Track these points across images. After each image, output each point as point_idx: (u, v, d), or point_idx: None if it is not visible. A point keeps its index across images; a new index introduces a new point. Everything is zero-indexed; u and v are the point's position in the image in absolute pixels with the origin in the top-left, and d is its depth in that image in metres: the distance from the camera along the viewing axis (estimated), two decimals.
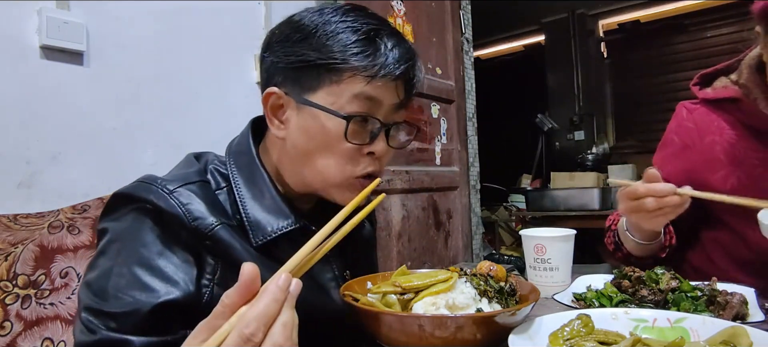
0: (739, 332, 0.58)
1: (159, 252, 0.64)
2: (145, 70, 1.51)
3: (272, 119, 0.73)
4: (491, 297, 0.67)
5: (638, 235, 1.06)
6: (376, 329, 0.63)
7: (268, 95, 0.72)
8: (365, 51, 0.68)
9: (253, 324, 0.41)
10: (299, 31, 0.70)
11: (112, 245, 0.65)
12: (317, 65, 0.68)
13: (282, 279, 0.45)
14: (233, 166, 0.74)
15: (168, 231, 0.65)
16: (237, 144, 0.78)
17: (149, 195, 0.65)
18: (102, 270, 0.63)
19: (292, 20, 0.72)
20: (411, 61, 0.72)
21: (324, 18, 0.70)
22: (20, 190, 1.26)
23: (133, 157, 1.47)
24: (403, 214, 2.46)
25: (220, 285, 0.66)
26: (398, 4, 2.51)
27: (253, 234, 0.69)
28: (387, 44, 0.70)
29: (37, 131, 1.29)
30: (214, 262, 0.67)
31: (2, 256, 0.88)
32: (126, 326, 0.59)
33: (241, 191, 0.72)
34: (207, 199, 0.68)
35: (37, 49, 1.30)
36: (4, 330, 0.85)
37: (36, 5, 1.30)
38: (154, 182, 0.67)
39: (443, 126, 2.83)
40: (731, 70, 1.12)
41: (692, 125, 1.15)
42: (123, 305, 0.60)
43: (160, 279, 0.62)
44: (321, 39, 0.68)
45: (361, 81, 0.68)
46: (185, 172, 0.72)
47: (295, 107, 0.71)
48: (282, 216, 0.71)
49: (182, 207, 0.65)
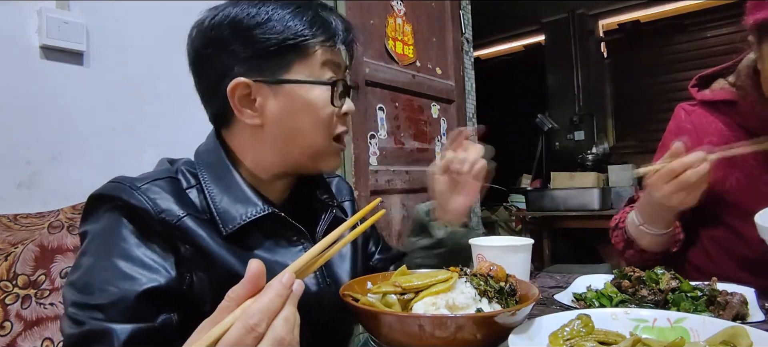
0: (739, 332, 0.58)
1: (137, 244, 0.66)
2: (145, 70, 1.51)
3: (242, 110, 0.74)
4: (491, 297, 0.67)
5: (654, 227, 1.05)
6: (376, 329, 0.63)
7: (235, 87, 0.73)
8: (322, 24, 0.75)
9: (256, 316, 0.44)
10: (247, 22, 0.72)
11: (92, 244, 0.67)
12: (284, 47, 0.72)
13: (286, 277, 0.47)
14: (201, 165, 0.77)
15: (141, 224, 0.67)
16: (204, 145, 0.81)
17: (119, 193, 0.68)
18: (85, 268, 0.65)
19: (231, 15, 0.73)
20: (349, 25, 0.80)
21: (268, 6, 0.73)
22: (20, 190, 1.26)
23: (133, 157, 1.47)
24: (403, 214, 2.46)
25: (198, 270, 0.68)
26: (398, 4, 2.51)
27: (222, 223, 0.71)
28: (330, 17, 0.77)
29: (37, 131, 1.29)
30: (188, 250, 0.69)
31: (2, 256, 0.88)
32: (113, 315, 0.61)
33: (209, 187, 0.74)
34: (174, 194, 0.71)
35: (37, 49, 1.30)
36: (4, 330, 0.85)
37: (36, 5, 1.30)
38: (123, 181, 0.69)
39: (443, 126, 2.83)
40: (729, 73, 1.13)
41: (690, 126, 1.16)
42: (109, 296, 0.61)
43: (141, 268, 0.64)
44: (277, 24, 0.72)
45: (326, 51, 0.75)
46: (155, 171, 0.75)
47: (269, 91, 0.74)
48: (250, 205, 0.73)
49: (149, 201, 0.67)
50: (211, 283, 0.69)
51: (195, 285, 0.68)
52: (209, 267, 0.69)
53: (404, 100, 2.53)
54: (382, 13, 2.39)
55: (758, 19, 0.90)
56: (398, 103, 2.49)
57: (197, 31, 0.77)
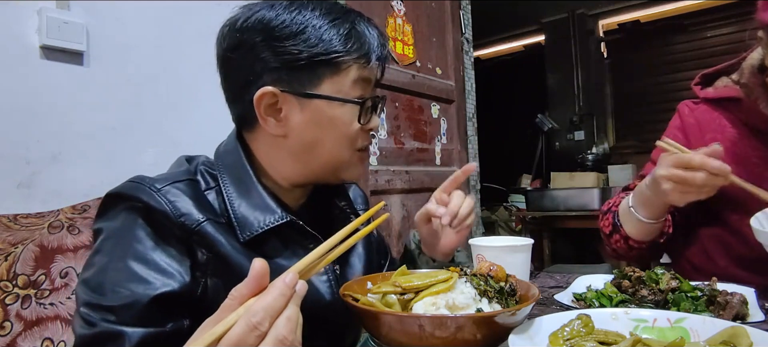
0: (739, 332, 0.58)
1: (152, 246, 0.65)
2: (145, 70, 1.51)
3: (266, 118, 0.73)
4: (491, 297, 0.67)
5: (645, 212, 1.03)
6: (376, 329, 0.63)
7: (262, 96, 0.71)
8: (357, 41, 0.72)
9: (260, 314, 0.44)
10: (280, 31, 0.70)
11: (106, 243, 0.66)
12: (316, 61, 0.70)
13: (289, 277, 0.47)
14: (221, 166, 0.76)
15: (158, 227, 0.66)
16: (225, 146, 0.80)
17: (138, 193, 0.67)
18: (99, 267, 0.64)
19: (264, 20, 0.71)
20: (385, 39, 0.78)
21: (304, 14, 0.71)
22: (20, 190, 1.26)
23: (133, 157, 1.47)
24: (403, 214, 2.46)
25: (213, 276, 0.68)
26: (398, 4, 2.51)
27: (240, 230, 0.70)
28: (367, 30, 0.75)
29: (37, 131, 1.29)
30: (206, 255, 0.68)
31: (2, 256, 0.88)
32: (125, 318, 0.60)
33: (228, 189, 0.73)
34: (194, 197, 0.70)
35: (37, 49, 1.30)
36: (4, 330, 0.85)
37: (36, 5, 1.30)
38: (143, 181, 0.68)
39: (443, 126, 2.83)
40: (732, 70, 1.13)
41: (694, 122, 1.16)
42: (121, 298, 0.61)
43: (155, 272, 0.63)
44: (311, 37, 0.70)
45: (358, 68, 0.73)
46: (175, 172, 0.74)
47: (296, 103, 0.72)
48: (269, 212, 0.72)
49: (169, 204, 0.66)
50: (226, 289, 0.67)
51: (209, 291, 0.67)
52: (225, 273, 0.68)
53: (404, 100, 2.53)
54: (382, 13, 2.39)
55: None
56: (398, 103, 2.49)
57: (229, 30, 0.75)
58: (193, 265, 0.67)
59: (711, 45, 4.29)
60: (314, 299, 0.74)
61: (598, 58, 4.89)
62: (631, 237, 1.08)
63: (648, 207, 1.03)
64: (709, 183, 0.88)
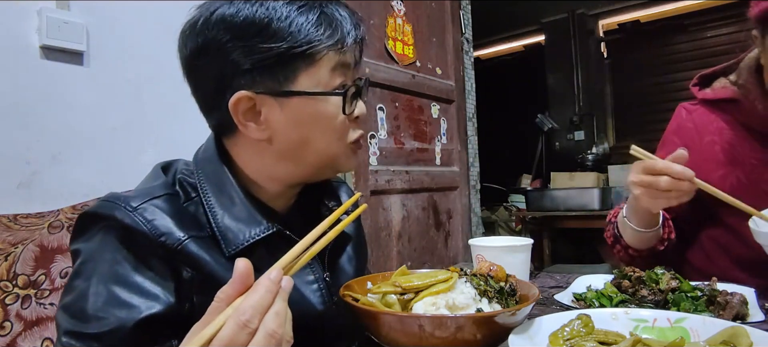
0: (739, 332, 0.58)
1: (133, 268, 0.62)
2: (145, 70, 1.51)
3: (246, 124, 0.68)
4: (491, 297, 0.67)
5: (635, 221, 1.04)
6: (376, 329, 0.63)
7: (237, 101, 0.66)
8: (328, 26, 0.68)
9: (248, 312, 0.44)
10: (246, 29, 0.65)
11: (85, 266, 0.63)
12: (289, 55, 0.66)
13: (274, 273, 0.47)
14: (201, 175, 0.72)
15: (137, 247, 0.63)
16: (204, 151, 0.75)
17: (114, 212, 0.63)
18: (79, 292, 0.61)
19: (226, 18, 0.66)
20: (358, 19, 0.73)
21: (266, 6, 0.66)
22: (20, 190, 1.26)
23: (133, 157, 1.47)
24: (403, 214, 2.46)
25: (200, 293, 0.65)
26: (398, 4, 2.51)
27: (225, 244, 0.67)
28: (337, 11, 0.69)
29: (37, 131, 1.29)
30: (191, 273, 0.65)
31: (2, 256, 0.88)
32: (110, 345, 0.58)
33: (209, 200, 0.69)
34: (173, 214, 0.66)
35: (37, 49, 1.30)
36: (4, 330, 0.85)
37: (36, 5, 1.30)
38: (118, 200, 0.65)
39: (443, 126, 2.83)
40: (730, 71, 1.13)
41: (691, 125, 1.16)
42: (105, 325, 0.58)
43: (138, 295, 0.61)
44: (280, 29, 0.65)
45: (334, 55, 0.68)
46: (150, 186, 0.69)
47: (275, 103, 0.68)
48: (254, 224, 0.69)
49: (147, 223, 0.63)
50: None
51: (196, 309, 0.64)
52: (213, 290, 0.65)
53: (404, 100, 2.53)
54: (382, 13, 2.39)
55: (762, 9, 0.90)
56: (398, 103, 2.49)
57: (189, 34, 0.69)
58: (178, 284, 0.64)
59: (711, 45, 4.30)
60: (306, 309, 0.72)
61: (598, 58, 4.89)
62: (631, 246, 1.09)
63: (636, 215, 1.04)
64: (674, 188, 0.88)
